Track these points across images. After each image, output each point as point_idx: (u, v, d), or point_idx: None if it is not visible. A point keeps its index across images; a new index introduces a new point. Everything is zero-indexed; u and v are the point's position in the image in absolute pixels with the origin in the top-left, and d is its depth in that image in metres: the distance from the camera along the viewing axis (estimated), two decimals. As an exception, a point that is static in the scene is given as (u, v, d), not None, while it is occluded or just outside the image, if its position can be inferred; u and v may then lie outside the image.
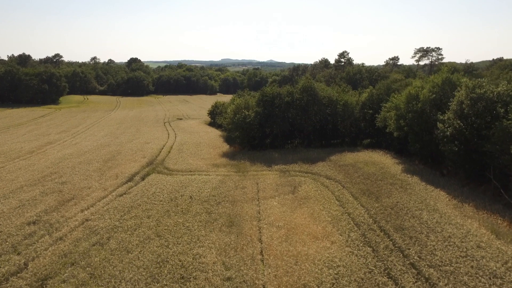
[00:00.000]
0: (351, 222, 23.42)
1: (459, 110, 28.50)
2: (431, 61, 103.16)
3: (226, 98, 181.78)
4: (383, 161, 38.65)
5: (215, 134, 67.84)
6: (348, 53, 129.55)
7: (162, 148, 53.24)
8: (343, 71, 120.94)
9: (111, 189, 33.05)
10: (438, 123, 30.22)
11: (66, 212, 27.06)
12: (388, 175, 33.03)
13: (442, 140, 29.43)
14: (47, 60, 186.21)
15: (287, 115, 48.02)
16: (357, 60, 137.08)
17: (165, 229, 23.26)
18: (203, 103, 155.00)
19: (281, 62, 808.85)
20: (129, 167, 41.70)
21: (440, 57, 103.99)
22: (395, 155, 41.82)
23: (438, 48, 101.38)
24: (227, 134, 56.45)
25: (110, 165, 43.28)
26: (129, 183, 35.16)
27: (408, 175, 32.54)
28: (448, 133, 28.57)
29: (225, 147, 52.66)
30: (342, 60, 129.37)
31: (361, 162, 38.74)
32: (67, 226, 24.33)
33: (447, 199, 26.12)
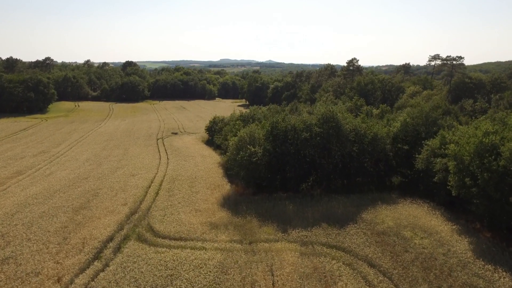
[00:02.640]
0: None
1: None
2: (452, 69, 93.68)
3: (225, 104, 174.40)
4: (434, 225, 29.29)
5: (213, 160, 58.46)
6: (357, 60, 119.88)
7: (149, 187, 43.87)
8: (353, 80, 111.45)
9: (68, 279, 23.67)
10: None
11: None
12: (455, 262, 23.66)
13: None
14: (36, 64, 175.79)
15: (303, 153, 38.50)
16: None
17: None
18: (201, 110, 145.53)
19: (280, 63, 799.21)
20: (103, 224, 32.42)
21: (460, 63, 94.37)
22: (445, 211, 32.47)
23: (460, 57, 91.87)
24: (228, 164, 47.03)
25: (79, 220, 33.95)
26: (95, 262, 25.78)
27: (487, 265, 23.06)
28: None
29: (226, 186, 43.14)
30: (351, 67, 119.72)
31: (405, 226, 29.42)
32: None
33: None
